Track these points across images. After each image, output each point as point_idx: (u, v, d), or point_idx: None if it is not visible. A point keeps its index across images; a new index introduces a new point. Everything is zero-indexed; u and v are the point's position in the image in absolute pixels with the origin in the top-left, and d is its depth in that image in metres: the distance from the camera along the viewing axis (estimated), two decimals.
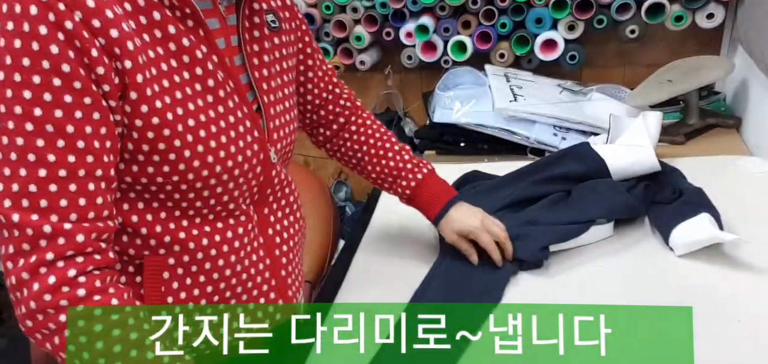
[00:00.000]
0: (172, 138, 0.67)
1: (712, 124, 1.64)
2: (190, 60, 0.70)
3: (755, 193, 1.28)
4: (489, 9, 1.81)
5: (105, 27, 0.61)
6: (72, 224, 0.62)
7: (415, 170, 1.08)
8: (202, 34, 0.71)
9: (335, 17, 1.90)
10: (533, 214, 1.17)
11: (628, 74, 1.93)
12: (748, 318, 0.93)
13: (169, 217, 0.73)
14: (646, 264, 1.09)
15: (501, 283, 1.04)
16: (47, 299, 0.61)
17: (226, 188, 0.75)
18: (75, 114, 0.60)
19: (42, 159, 0.60)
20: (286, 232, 0.89)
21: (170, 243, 0.73)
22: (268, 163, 0.80)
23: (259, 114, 0.79)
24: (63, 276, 0.61)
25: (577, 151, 1.30)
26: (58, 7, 0.58)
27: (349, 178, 2.32)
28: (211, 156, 0.71)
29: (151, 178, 0.69)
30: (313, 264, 1.33)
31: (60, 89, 0.59)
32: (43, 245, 0.61)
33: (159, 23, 0.67)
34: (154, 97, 0.65)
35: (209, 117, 0.71)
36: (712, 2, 1.69)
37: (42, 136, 0.60)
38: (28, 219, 0.60)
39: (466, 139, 1.71)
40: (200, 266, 0.76)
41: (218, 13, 0.75)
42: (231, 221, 0.78)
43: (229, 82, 0.74)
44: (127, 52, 0.63)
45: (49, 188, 0.61)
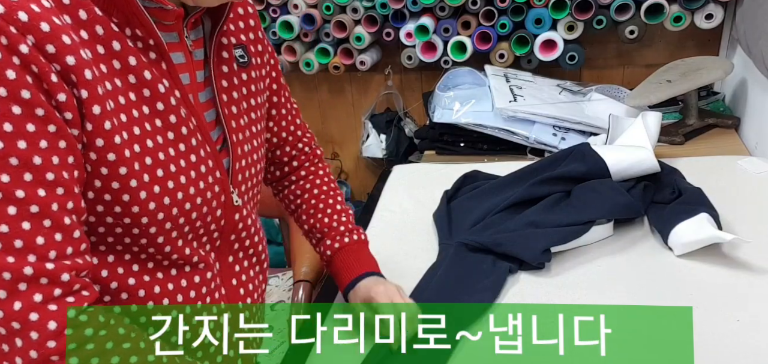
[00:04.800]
0: (128, 177, 0.62)
1: (711, 124, 1.64)
2: (151, 94, 0.64)
3: (754, 193, 1.28)
4: (489, 9, 1.81)
5: (60, 53, 0.55)
6: (53, 262, 0.56)
7: (344, 234, 0.96)
8: (165, 67, 0.66)
9: (335, 17, 1.90)
10: (534, 215, 1.18)
11: (627, 74, 1.93)
12: (747, 318, 0.93)
13: (118, 261, 0.67)
14: (645, 264, 1.09)
15: (500, 283, 1.04)
16: (51, 346, 0.56)
17: (181, 232, 0.69)
18: (40, 144, 0.55)
19: (9, 196, 0.54)
20: (252, 283, 0.82)
21: (117, 290, 0.67)
22: (230, 206, 0.74)
23: (226, 152, 0.74)
24: (63, 319, 0.56)
25: (578, 151, 1.30)
26: (9, 30, 0.52)
27: (350, 178, 2.33)
28: (167, 197, 0.65)
29: (100, 217, 0.63)
30: (313, 264, 1.33)
31: (21, 118, 0.54)
32: (22, 288, 0.55)
33: (119, 54, 0.62)
34: (112, 131, 0.60)
35: (168, 155, 0.65)
36: (711, 3, 1.69)
37: (6, 171, 0.54)
38: (4, 262, 0.54)
39: (465, 140, 1.71)
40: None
41: (184, 46, 0.70)
42: (187, 269, 0.72)
43: (192, 119, 0.68)
44: (84, 80, 0.57)
45: (21, 225, 0.55)
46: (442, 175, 1.46)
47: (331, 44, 1.98)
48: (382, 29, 1.92)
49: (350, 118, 2.20)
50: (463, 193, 1.35)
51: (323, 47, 1.97)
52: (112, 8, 0.61)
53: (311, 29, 1.93)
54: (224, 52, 0.75)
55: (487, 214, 1.23)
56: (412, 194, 1.44)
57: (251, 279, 0.82)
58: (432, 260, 1.15)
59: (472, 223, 1.21)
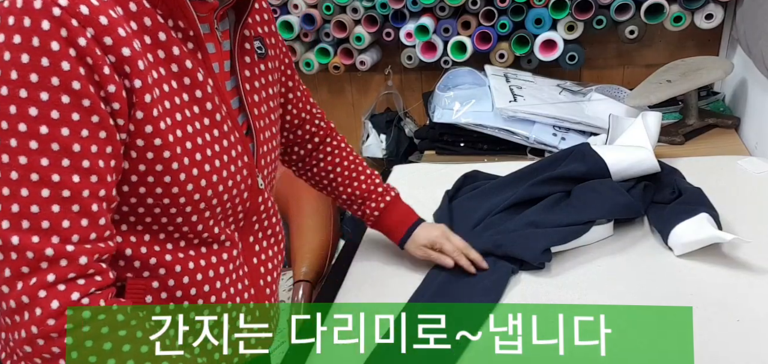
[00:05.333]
0: (171, 160, 0.66)
1: (711, 124, 1.64)
2: (191, 82, 0.69)
3: (754, 193, 1.28)
4: (489, 9, 1.81)
5: (117, 45, 0.59)
6: (74, 245, 0.60)
7: (384, 194, 1.11)
8: (201, 57, 0.70)
9: (335, 17, 1.90)
10: (534, 215, 1.18)
11: (627, 74, 1.93)
12: (747, 318, 0.93)
13: (154, 240, 0.71)
14: (645, 264, 1.09)
15: (501, 283, 1.04)
16: (51, 323, 0.59)
17: (213, 212, 0.73)
18: (81, 132, 0.59)
19: (46, 179, 0.58)
20: (271, 262, 0.87)
21: (155, 266, 0.71)
22: (255, 189, 0.79)
23: (249, 138, 0.79)
24: (66, 300, 0.59)
25: (578, 151, 1.30)
26: (71, 23, 0.56)
27: None
28: (204, 179, 0.70)
29: (142, 199, 0.67)
30: (313, 264, 1.33)
31: (68, 107, 0.57)
32: (43, 267, 0.58)
33: (164, 44, 0.66)
34: (158, 118, 0.64)
35: (205, 140, 0.70)
36: (711, 3, 1.69)
37: (47, 156, 0.57)
38: (29, 241, 0.58)
39: (465, 140, 1.72)
40: (185, 291, 0.73)
41: (215, 37, 0.74)
42: (215, 247, 0.76)
43: (223, 106, 0.73)
44: (137, 71, 0.61)
45: (51, 208, 0.58)
46: (442, 176, 1.46)
47: (331, 44, 1.98)
48: (382, 29, 1.92)
49: (350, 118, 2.20)
50: (463, 193, 1.35)
51: (323, 47, 1.97)
52: (158, 0, 0.66)
53: (311, 29, 1.94)
54: (246, 44, 0.80)
55: (487, 214, 1.23)
56: (412, 194, 1.43)
57: (270, 258, 0.87)
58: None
59: (474, 223, 1.21)
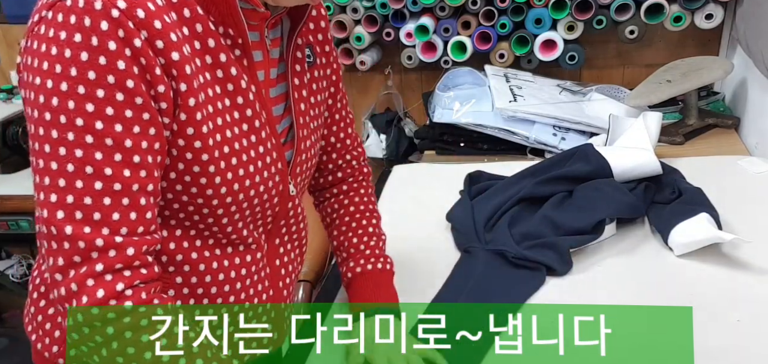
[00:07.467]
0: (209, 163, 0.68)
1: (711, 124, 1.64)
2: (233, 88, 0.70)
3: (754, 193, 1.28)
4: (489, 9, 1.81)
5: (167, 49, 0.62)
6: (123, 237, 0.62)
7: (369, 260, 0.95)
8: (246, 64, 0.72)
9: (335, 17, 1.90)
10: (549, 211, 1.18)
11: (627, 74, 1.93)
12: (747, 318, 0.93)
13: (184, 236, 0.73)
14: (645, 264, 1.10)
15: (531, 289, 1.05)
16: (95, 312, 0.61)
17: (242, 215, 0.75)
18: (134, 129, 0.61)
19: (99, 172, 0.60)
20: (291, 265, 0.89)
21: (181, 262, 0.73)
22: (286, 195, 0.80)
23: (289, 145, 0.80)
24: (111, 289, 0.61)
25: (582, 152, 1.31)
26: (127, 25, 0.59)
27: None
28: (237, 183, 0.71)
29: (177, 196, 0.70)
30: (313, 264, 1.33)
31: (122, 104, 0.60)
32: (93, 257, 0.61)
33: (212, 50, 0.68)
34: (201, 121, 0.66)
35: (242, 146, 0.72)
36: (711, 3, 1.69)
37: (101, 150, 0.60)
38: (81, 231, 0.60)
39: (465, 139, 1.72)
40: (206, 289, 0.76)
41: (264, 45, 0.75)
42: (241, 248, 0.79)
43: (263, 113, 0.74)
44: (185, 75, 0.64)
45: (103, 200, 0.61)
46: (442, 176, 1.46)
47: None
48: (382, 29, 1.92)
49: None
50: (474, 193, 1.35)
51: None
52: (212, 7, 0.67)
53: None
54: (298, 52, 0.81)
55: (496, 211, 1.24)
56: (413, 194, 1.44)
57: (292, 261, 0.89)
58: (432, 259, 1.15)
59: (486, 218, 1.22)
